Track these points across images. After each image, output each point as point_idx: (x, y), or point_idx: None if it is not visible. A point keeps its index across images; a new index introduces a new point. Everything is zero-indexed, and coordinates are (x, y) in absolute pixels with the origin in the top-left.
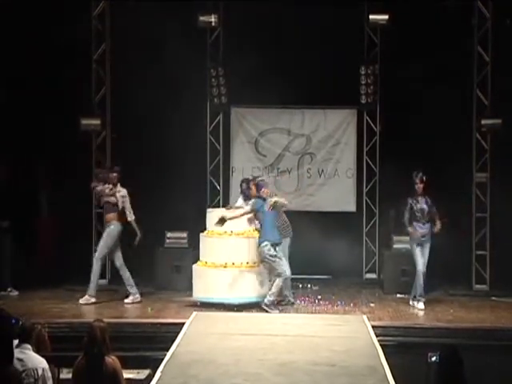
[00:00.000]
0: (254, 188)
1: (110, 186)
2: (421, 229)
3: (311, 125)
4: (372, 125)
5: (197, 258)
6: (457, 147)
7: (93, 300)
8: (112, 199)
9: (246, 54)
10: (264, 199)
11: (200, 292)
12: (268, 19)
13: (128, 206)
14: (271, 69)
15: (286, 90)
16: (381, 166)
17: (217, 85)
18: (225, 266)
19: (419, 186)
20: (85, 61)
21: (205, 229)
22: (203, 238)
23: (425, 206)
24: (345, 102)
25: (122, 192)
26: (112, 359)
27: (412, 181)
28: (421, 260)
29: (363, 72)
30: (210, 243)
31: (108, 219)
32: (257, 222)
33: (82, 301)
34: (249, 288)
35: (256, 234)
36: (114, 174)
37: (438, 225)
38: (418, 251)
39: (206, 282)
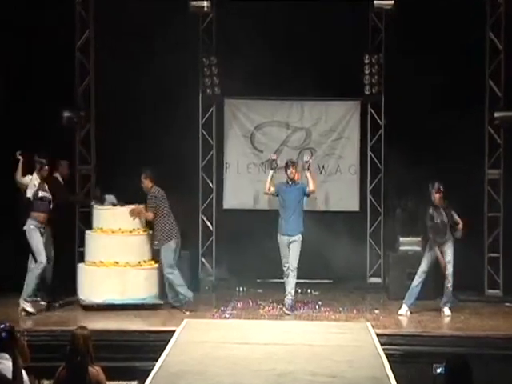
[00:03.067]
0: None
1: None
2: (441, 239)
3: (311, 117)
4: (376, 117)
5: (189, 261)
6: (468, 142)
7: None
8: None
9: (240, 41)
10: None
11: (87, 293)
12: (265, 4)
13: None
14: (268, 57)
15: (283, 80)
16: (386, 162)
17: (209, 75)
18: (113, 265)
19: (435, 197)
20: (67, 49)
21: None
22: (90, 235)
23: (445, 219)
24: (347, 93)
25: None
26: (95, 369)
27: (428, 192)
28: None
29: (367, 61)
30: (97, 241)
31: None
32: None
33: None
34: (139, 288)
35: (146, 232)
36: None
37: (459, 231)
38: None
39: (94, 282)
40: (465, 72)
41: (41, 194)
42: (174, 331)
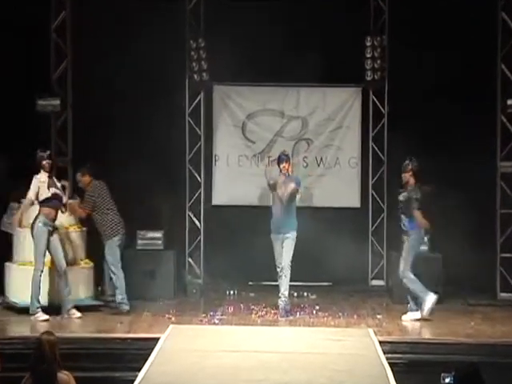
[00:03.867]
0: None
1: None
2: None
3: (308, 106)
4: (379, 105)
5: (174, 261)
6: (478, 132)
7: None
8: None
9: (231, 22)
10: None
11: (15, 294)
12: None
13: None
14: (261, 40)
15: (278, 64)
16: (389, 154)
17: (197, 59)
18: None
19: (405, 175)
20: (42, 30)
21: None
22: (21, 233)
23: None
24: (347, 79)
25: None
26: (65, 374)
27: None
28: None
29: (369, 43)
30: (25, 239)
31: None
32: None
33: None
34: (77, 289)
35: (79, 229)
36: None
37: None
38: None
39: (21, 282)
40: (475, 56)
41: (52, 190)
42: (158, 338)
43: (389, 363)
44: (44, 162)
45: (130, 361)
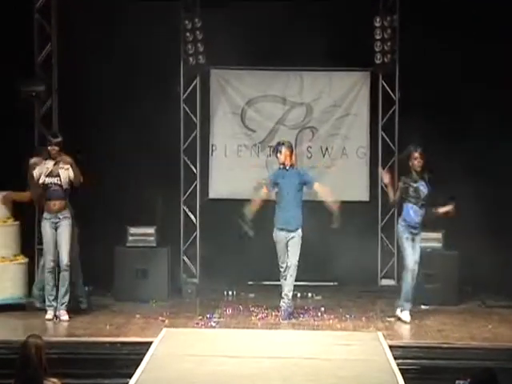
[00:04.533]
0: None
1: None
2: (415, 215)
3: (312, 91)
4: (389, 91)
5: (168, 260)
6: (498, 117)
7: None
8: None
9: (229, 1)
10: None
11: None
12: None
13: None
14: (262, 20)
15: (280, 47)
16: (400, 144)
17: (193, 40)
18: None
19: (419, 161)
20: (25, 10)
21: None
22: None
23: (422, 188)
24: (355, 63)
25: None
26: (53, 382)
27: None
28: (412, 256)
29: (378, 24)
30: None
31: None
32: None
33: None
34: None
35: (12, 223)
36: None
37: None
38: (408, 244)
39: None
40: (494, 35)
41: (47, 180)
42: (150, 342)
43: (400, 369)
44: (50, 148)
45: (120, 367)
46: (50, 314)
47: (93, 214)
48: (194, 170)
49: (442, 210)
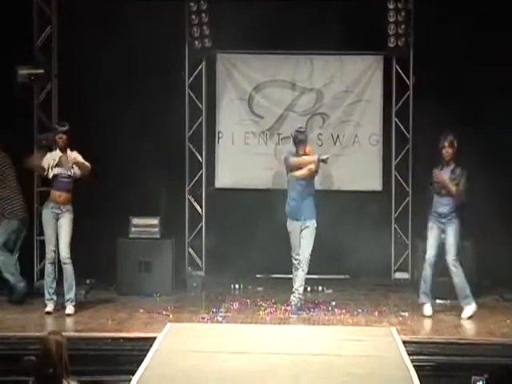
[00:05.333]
0: None
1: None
2: (441, 206)
3: (323, 76)
4: (403, 76)
5: (173, 252)
6: None
7: None
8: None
9: None
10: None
11: None
12: None
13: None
14: (270, 2)
15: (289, 30)
16: (415, 131)
17: (198, 23)
18: None
19: (447, 151)
20: None
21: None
22: None
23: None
24: (367, 46)
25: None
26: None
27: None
28: (431, 249)
29: (392, 6)
30: None
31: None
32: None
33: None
34: None
35: None
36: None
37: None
38: (431, 235)
39: None
40: (510, 18)
41: (56, 170)
42: (154, 338)
43: (414, 366)
44: (56, 137)
45: (122, 363)
46: (49, 307)
47: (94, 204)
48: (200, 159)
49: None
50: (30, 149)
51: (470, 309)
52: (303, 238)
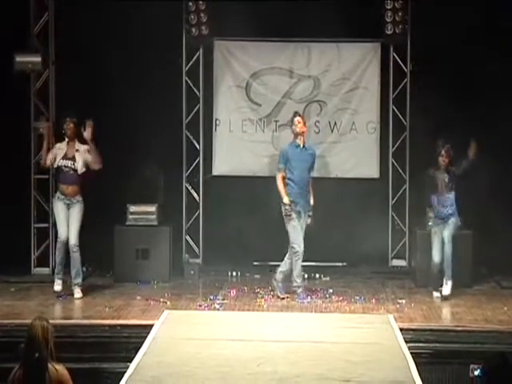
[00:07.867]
0: None
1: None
2: (443, 207)
3: (320, 64)
4: (401, 63)
5: (170, 239)
6: None
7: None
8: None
9: None
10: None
11: None
12: None
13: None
14: None
15: (286, 17)
16: (412, 118)
17: (195, 10)
18: None
19: (444, 160)
20: None
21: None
22: None
23: (447, 180)
24: (365, 34)
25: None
26: (56, 369)
27: (437, 150)
28: (436, 253)
29: None
30: None
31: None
32: None
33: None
34: None
35: None
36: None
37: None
38: (434, 239)
39: None
40: (509, 5)
41: (61, 162)
42: (151, 325)
43: (411, 353)
44: (65, 127)
45: (119, 351)
46: (58, 285)
47: (91, 191)
48: (197, 146)
49: (471, 152)
50: (25, 136)
51: (450, 284)
52: (303, 229)
